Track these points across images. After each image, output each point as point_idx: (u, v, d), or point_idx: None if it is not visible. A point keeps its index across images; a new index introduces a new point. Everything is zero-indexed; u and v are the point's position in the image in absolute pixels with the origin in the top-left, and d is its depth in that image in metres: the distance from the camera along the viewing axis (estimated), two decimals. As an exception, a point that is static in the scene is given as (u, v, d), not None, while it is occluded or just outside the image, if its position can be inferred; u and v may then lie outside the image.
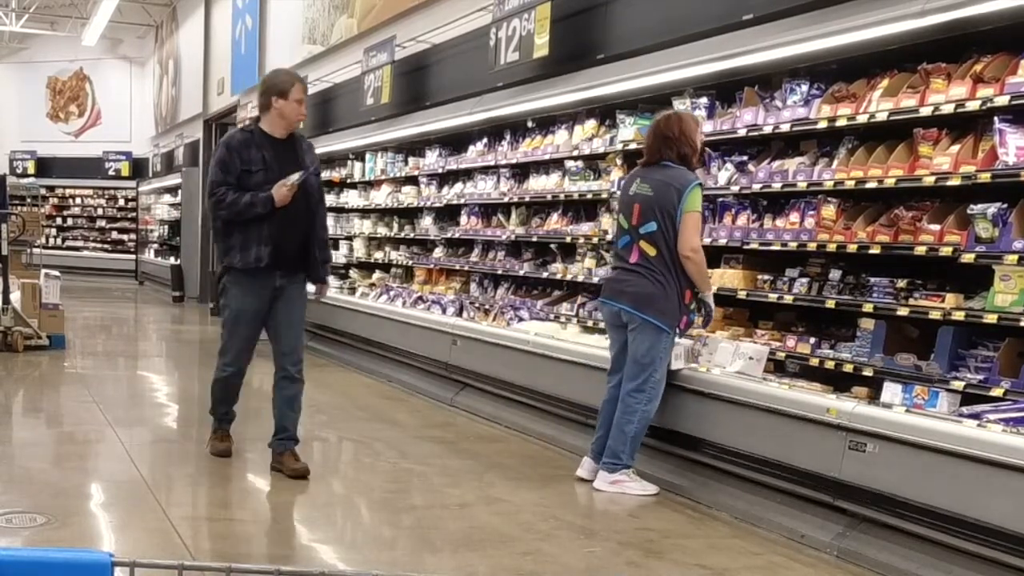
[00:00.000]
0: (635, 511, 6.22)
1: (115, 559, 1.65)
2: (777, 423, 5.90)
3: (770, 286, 6.62)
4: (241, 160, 6.54)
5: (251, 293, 6.65)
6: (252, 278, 6.60)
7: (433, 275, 11.50)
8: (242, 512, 6.01)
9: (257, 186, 6.50)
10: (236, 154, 6.56)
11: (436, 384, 10.12)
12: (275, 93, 6.60)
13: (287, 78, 6.74)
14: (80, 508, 5.90)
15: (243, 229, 6.54)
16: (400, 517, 6.00)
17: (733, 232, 6.84)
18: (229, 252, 6.62)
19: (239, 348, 6.81)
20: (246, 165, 6.55)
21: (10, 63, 31.67)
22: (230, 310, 6.73)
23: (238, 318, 6.72)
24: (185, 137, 23.59)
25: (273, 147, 6.62)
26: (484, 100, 9.68)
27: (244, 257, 6.55)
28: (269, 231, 6.51)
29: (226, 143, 6.69)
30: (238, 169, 6.54)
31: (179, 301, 21.31)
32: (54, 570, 1.62)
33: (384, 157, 12.65)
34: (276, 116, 6.62)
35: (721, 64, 6.80)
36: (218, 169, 6.58)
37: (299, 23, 16.00)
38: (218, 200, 6.55)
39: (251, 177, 6.54)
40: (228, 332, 6.80)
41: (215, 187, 6.57)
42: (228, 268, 6.67)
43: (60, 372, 11.16)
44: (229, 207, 6.51)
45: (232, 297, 6.70)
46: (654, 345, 6.40)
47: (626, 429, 6.44)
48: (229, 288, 6.70)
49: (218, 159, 6.63)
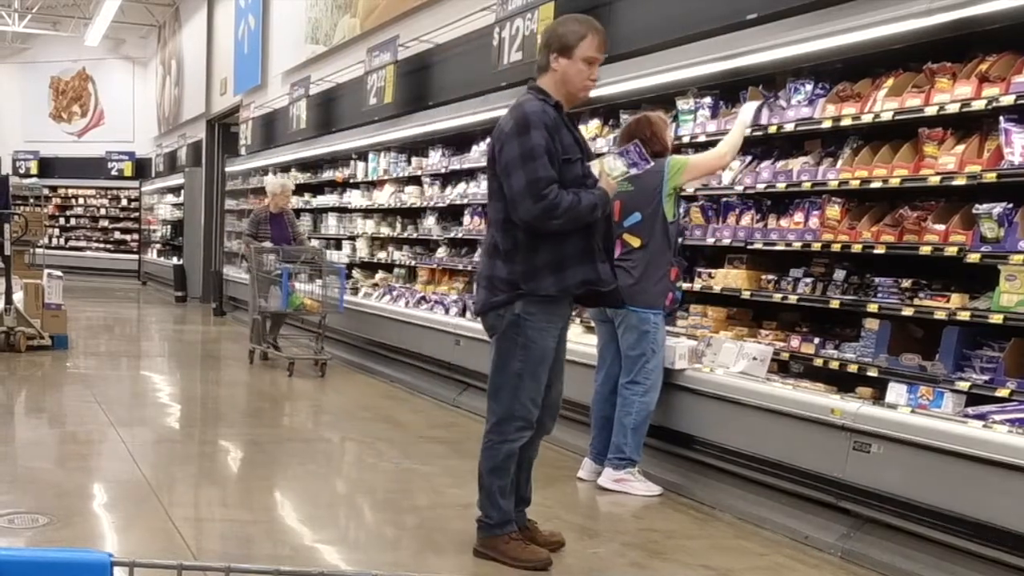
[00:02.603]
0: (639, 512, 6.21)
1: (114, 559, 1.64)
2: (781, 424, 5.89)
3: (774, 286, 6.59)
4: (560, 146, 4.89)
5: (554, 328, 5.06)
6: (555, 307, 5.02)
7: (436, 275, 11.49)
8: (245, 512, 5.98)
9: (576, 182, 4.92)
10: (555, 137, 4.87)
11: (439, 384, 10.13)
12: (556, 48, 4.95)
13: (576, 28, 4.94)
14: (82, 508, 5.88)
15: (556, 243, 4.89)
16: (403, 517, 5.99)
17: (737, 232, 6.82)
18: (535, 275, 4.90)
19: (536, 399, 5.08)
20: (566, 152, 4.89)
21: (13, 63, 31.69)
22: (530, 353, 4.97)
23: (542, 362, 5.03)
24: (188, 137, 23.59)
25: (570, 125, 5.06)
26: (487, 100, 9.66)
27: (559, 281, 4.91)
28: (595, 243, 5.00)
29: (539, 120, 4.81)
30: (559, 159, 4.88)
31: (182, 301, 21.29)
32: (53, 570, 1.62)
33: (387, 157, 12.64)
34: (557, 81, 4.96)
35: (725, 64, 6.77)
36: (543, 160, 4.77)
37: (302, 23, 15.99)
38: (552, 205, 4.75)
39: (571, 169, 4.92)
40: (525, 383, 5.01)
41: (544, 185, 4.76)
42: (519, 296, 4.92)
43: (63, 372, 11.15)
44: (567, 213, 4.78)
45: (534, 335, 4.96)
46: (643, 336, 6.44)
47: (625, 422, 6.47)
48: (526, 323, 4.93)
49: (534, 145, 4.77)
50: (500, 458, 5.06)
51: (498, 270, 4.98)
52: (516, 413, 5.02)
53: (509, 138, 4.84)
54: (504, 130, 4.90)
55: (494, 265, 5.01)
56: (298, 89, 15.38)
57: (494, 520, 5.09)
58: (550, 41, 4.99)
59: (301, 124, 15.17)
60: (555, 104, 4.94)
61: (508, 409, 5.03)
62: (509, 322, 4.95)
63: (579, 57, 4.92)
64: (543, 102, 4.91)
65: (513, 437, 5.05)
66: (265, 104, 17.59)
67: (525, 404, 5.02)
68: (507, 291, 4.94)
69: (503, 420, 5.04)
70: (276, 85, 17.32)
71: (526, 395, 5.02)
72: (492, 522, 5.09)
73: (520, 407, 5.01)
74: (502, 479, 5.07)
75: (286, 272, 11.18)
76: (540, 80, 5.04)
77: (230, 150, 20.68)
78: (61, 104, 31.83)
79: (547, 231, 4.85)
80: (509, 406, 5.02)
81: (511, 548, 5.03)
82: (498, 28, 9.08)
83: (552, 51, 4.96)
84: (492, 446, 5.08)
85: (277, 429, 8.86)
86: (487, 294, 5.05)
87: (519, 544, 5.06)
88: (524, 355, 4.97)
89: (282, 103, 16.45)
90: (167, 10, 26.06)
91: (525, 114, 4.84)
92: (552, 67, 4.96)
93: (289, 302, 11.26)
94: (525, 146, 4.77)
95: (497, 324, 5.02)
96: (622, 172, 5.13)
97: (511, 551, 5.02)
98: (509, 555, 5.01)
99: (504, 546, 5.04)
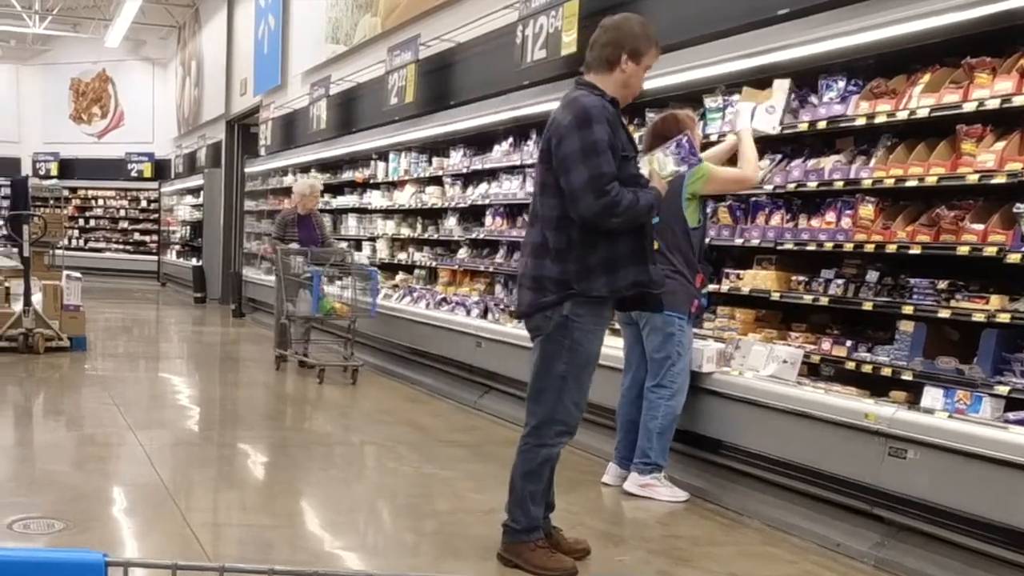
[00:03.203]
0: (664, 518, 6.10)
1: (109, 559, 1.64)
2: (812, 428, 5.77)
3: (805, 287, 6.46)
4: (619, 142, 4.74)
5: (600, 330, 4.91)
6: (603, 309, 4.88)
7: (457, 276, 11.39)
8: (263, 517, 5.89)
9: (631, 180, 4.77)
10: (615, 133, 4.71)
11: (460, 387, 10.05)
12: (630, 51, 4.83)
13: (648, 34, 4.87)
14: (99, 513, 5.81)
15: (610, 243, 4.74)
16: (424, 523, 5.90)
17: (766, 232, 6.69)
18: (588, 275, 4.73)
19: (580, 403, 4.94)
20: (623, 150, 4.76)
21: (33, 65, 31.79)
22: (576, 356, 4.81)
23: (587, 365, 4.88)
24: (207, 138, 23.60)
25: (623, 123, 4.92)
26: (510, 99, 9.55)
27: (612, 282, 4.76)
28: (646, 244, 4.88)
29: (600, 114, 4.67)
30: (618, 155, 4.72)
31: (201, 302, 21.29)
32: (49, 570, 1.62)
33: (408, 157, 12.56)
34: (619, 82, 4.85)
35: (755, 60, 6.65)
36: (606, 155, 4.61)
37: (322, 22, 15.93)
38: (613, 202, 4.60)
39: (627, 167, 4.78)
40: (570, 386, 4.85)
41: (607, 181, 4.60)
42: (569, 296, 4.76)
43: (81, 374, 11.11)
44: (627, 212, 4.65)
45: (581, 337, 4.80)
46: (667, 338, 6.34)
47: (651, 426, 6.38)
48: (574, 324, 4.77)
49: (597, 139, 4.61)
50: (536, 462, 4.92)
51: (547, 269, 4.80)
52: (558, 417, 4.87)
53: (569, 132, 4.68)
54: (562, 124, 4.73)
55: (542, 264, 4.82)
56: (318, 89, 15.32)
57: (521, 526, 4.96)
58: (623, 42, 4.85)
59: (321, 124, 15.12)
60: (611, 100, 4.83)
61: (550, 413, 4.87)
62: (557, 324, 4.79)
63: (644, 65, 4.89)
64: (600, 97, 4.79)
65: (552, 442, 4.91)
66: (285, 104, 17.55)
67: (568, 408, 4.87)
68: (557, 291, 4.77)
69: (543, 424, 4.89)
70: (296, 85, 17.27)
71: (569, 399, 4.86)
72: (519, 527, 4.96)
73: (562, 411, 4.86)
74: (535, 484, 4.93)
75: (317, 275, 10.89)
76: (596, 76, 4.91)
77: (250, 151, 20.66)
78: (81, 105, 31.91)
79: (604, 229, 4.70)
80: (551, 410, 4.86)
81: (536, 556, 4.90)
82: (521, 26, 8.97)
83: (625, 52, 4.83)
84: (529, 449, 4.94)
85: (296, 432, 8.78)
86: (534, 295, 4.86)
87: (545, 552, 4.94)
88: (570, 358, 4.81)
89: (302, 103, 16.40)
90: (187, 11, 26.08)
91: (586, 108, 4.69)
92: (621, 68, 4.84)
93: (320, 306, 10.95)
94: (587, 140, 4.62)
95: (543, 325, 4.85)
96: (672, 171, 5.01)
97: (536, 559, 4.89)
98: (534, 563, 4.89)
99: (530, 553, 4.91)
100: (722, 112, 7.13)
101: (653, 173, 4.93)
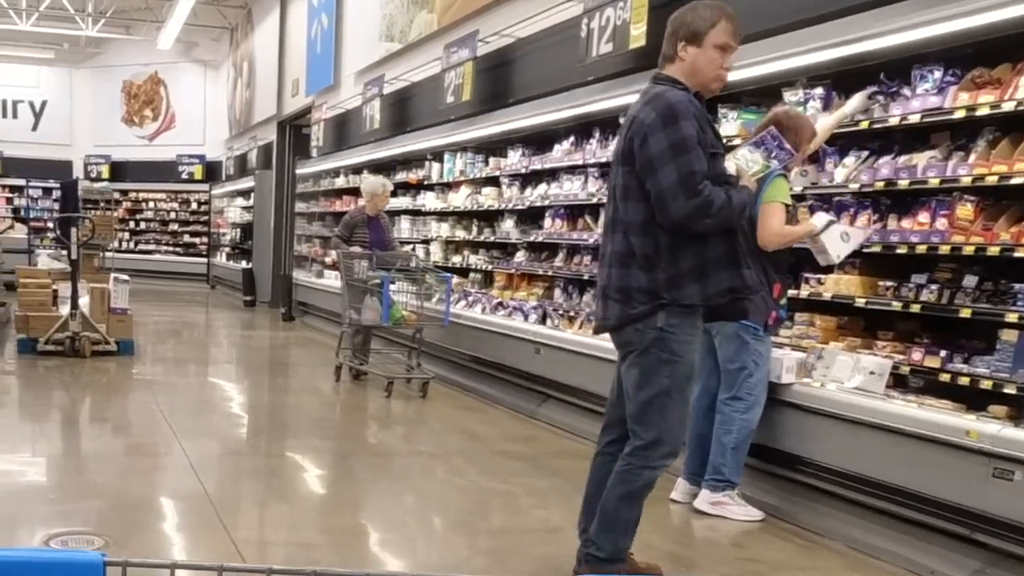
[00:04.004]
0: (738, 539, 5.79)
1: (107, 559, 1.64)
2: (904, 445, 5.39)
3: (893, 293, 6.03)
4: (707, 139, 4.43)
5: (696, 340, 4.54)
6: (695, 318, 4.48)
7: (514, 280, 11.05)
8: (311, 534, 5.61)
9: (720, 179, 4.44)
10: (703, 129, 4.41)
11: (517, 395, 9.75)
12: (685, 37, 4.47)
13: (706, 14, 4.47)
14: (140, 528, 5.55)
15: (699, 247, 4.39)
16: (481, 540, 5.63)
17: (851, 234, 6.26)
18: (678, 282, 4.37)
19: (684, 421, 4.65)
20: (712, 146, 4.44)
21: (86, 68, 31.89)
22: (677, 369, 4.44)
23: (689, 378, 4.55)
24: (258, 139, 23.48)
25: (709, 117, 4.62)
26: (573, 95, 9.19)
27: (703, 289, 4.40)
28: (738, 246, 4.53)
29: (687, 110, 4.35)
30: (708, 152, 4.39)
31: (250, 305, 21.15)
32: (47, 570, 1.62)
33: (463, 157, 12.24)
34: (686, 72, 4.48)
35: (841, 50, 6.19)
36: (696, 152, 4.29)
37: (376, 20, 15.66)
38: (707, 202, 4.27)
39: (716, 164, 4.46)
40: (673, 402, 4.49)
41: (699, 180, 4.27)
42: (661, 306, 4.39)
43: (127, 379, 10.91)
44: (720, 213, 4.30)
45: (679, 349, 4.42)
46: (741, 348, 6.02)
47: (725, 440, 6.06)
48: (671, 336, 4.40)
49: (686, 136, 4.29)
50: (638, 485, 4.54)
51: (636, 278, 4.44)
52: (664, 438, 4.50)
53: (654, 129, 4.33)
54: (646, 122, 4.38)
55: (629, 273, 4.45)
56: (372, 88, 15.06)
57: (606, 554, 4.57)
58: (677, 29, 4.51)
59: (374, 124, 14.85)
60: (696, 94, 4.48)
61: (658, 433, 4.49)
62: (652, 337, 4.42)
63: (710, 44, 4.43)
64: (685, 91, 4.44)
65: (656, 464, 4.54)
66: (337, 105, 17.33)
67: (673, 428, 4.52)
68: (647, 302, 4.41)
69: (651, 445, 4.50)
70: (349, 85, 17.05)
71: (675, 417, 4.51)
72: (603, 556, 4.57)
73: (668, 431, 4.50)
74: (632, 510, 4.57)
75: (387, 281, 10.20)
76: (667, 70, 4.57)
77: (301, 152, 20.48)
78: (133, 108, 31.97)
79: (695, 232, 4.35)
80: (659, 430, 4.49)
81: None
82: (586, 19, 8.61)
83: (680, 39, 4.49)
84: (632, 471, 4.55)
85: (346, 442, 8.49)
86: (621, 306, 4.49)
87: None
88: (671, 372, 4.44)
89: (355, 103, 16.17)
90: (239, 12, 25.99)
91: (671, 103, 4.35)
92: (680, 56, 4.49)
93: (390, 315, 10.29)
94: (675, 137, 4.29)
95: (636, 339, 4.48)
96: (762, 167, 4.69)
97: None
98: None
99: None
100: (803, 107, 6.70)
101: (741, 171, 4.61)
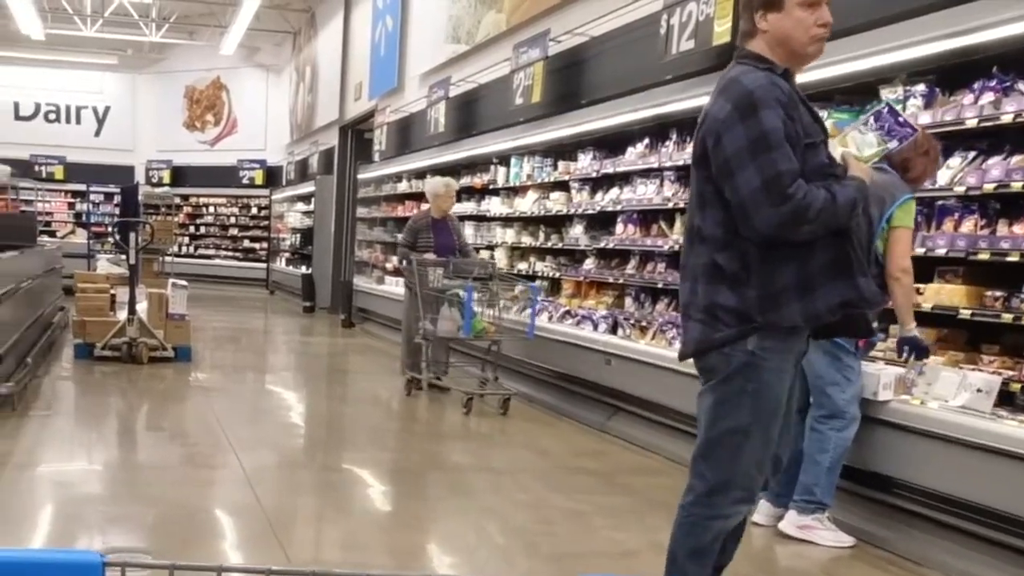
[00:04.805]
0: (828, 566, 5.43)
1: (106, 559, 1.62)
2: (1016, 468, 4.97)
3: (1003, 304, 5.59)
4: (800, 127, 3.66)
5: (790, 368, 3.81)
6: (795, 341, 3.78)
7: (583, 288, 10.67)
8: (371, 555, 5.28)
9: (820, 172, 3.67)
10: (792, 116, 3.62)
11: (586, 407, 9.39)
12: (760, 5, 3.74)
13: None
14: (190, 544, 5.27)
15: (801, 256, 3.65)
16: (556, 566, 5.25)
17: (955, 240, 5.81)
18: (775, 301, 3.66)
19: (763, 463, 3.85)
20: (807, 135, 3.66)
21: (149, 73, 31.97)
22: (762, 402, 3.75)
23: (775, 414, 3.81)
24: (320, 144, 23.32)
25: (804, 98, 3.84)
26: (650, 95, 8.77)
27: (808, 306, 3.66)
28: (851, 250, 3.72)
29: (768, 96, 3.59)
30: (801, 144, 3.63)
31: (310, 312, 20.92)
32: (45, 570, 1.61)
33: (531, 161, 11.87)
34: (771, 43, 3.74)
35: (947, 43, 5.74)
36: (782, 149, 3.55)
37: (442, 22, 15.37)
38: (801, 206, 3.52)
39: (815, 156, 3.69)
40: (753, 441, 3.78)
41: (788, 182, 3.52)
42: (753, 330, 3.68)
43: (183, 386, 10.67)
44: (820, 216, 3.55)
45: (770, 378, 3.73)
46: (833, 361, 5.63)
47: (820, 459, 5.68)
48: (763, 363, 3.70)
49: (768, 129, 3.56)
50: (708, 539, 3.86)
51: (722, 297, 3.71)
52: (735, 481, 3.79)
53: (729, 125, 3.62)
54: (719, 117, 3.67)
55: (716, 291, 3.73)
56: (437, 91, 14.75)
57: None
58: (750, 2, 3.78)
59: (439, 127, 14.54)
60: (783, 72, 3.71)
61: (726, 475, 3.79)
62: (740, 363, 3.70)
63: (793, 4, 3.67)
64: (768, 71, 3.68)
65: (728, 512, 3.85)
66: (401, 108, 17.05)
67: (748, 470, 3.79)
68: (736, 324, 3.69)
69: (717, 490, 3.81)
70: (413, 88, 16.77)
71: (751, 457, 3.78)
72: None
73: (741, 474, 3.79)
74: (702, 566, 3.89)
75: (470, 291, 9.64)
76: (750, 46, 3.81)
77: (363, 156, 20.25)
78: (195, 113, 32.02)
79: (792, 241, 3.63)
80: (728, 471, 3.79)
81: None
82: (666, 15, 8.20)
83: (755, 11, 3.75)
84: (696, 523, 3.87)
85: (407, 454, 8.15)
86: (706, 328, 3.77)
87: None
88: (755, 405, 3.73)
89: (419, 106, 15.87)
90: (302, 16, 25.88)
91: (748, 90, 3.60)
92: (760, 28, 3.74)
93: (471, 327, 9.75)
94: (755, 132, 3.55)
95: (720, 365, 3.76)
96: (879, 149, 3.96)
97: None
98: None
99: None
100: (903, 105, 6.24)
101: (849, 157, 3.85)
